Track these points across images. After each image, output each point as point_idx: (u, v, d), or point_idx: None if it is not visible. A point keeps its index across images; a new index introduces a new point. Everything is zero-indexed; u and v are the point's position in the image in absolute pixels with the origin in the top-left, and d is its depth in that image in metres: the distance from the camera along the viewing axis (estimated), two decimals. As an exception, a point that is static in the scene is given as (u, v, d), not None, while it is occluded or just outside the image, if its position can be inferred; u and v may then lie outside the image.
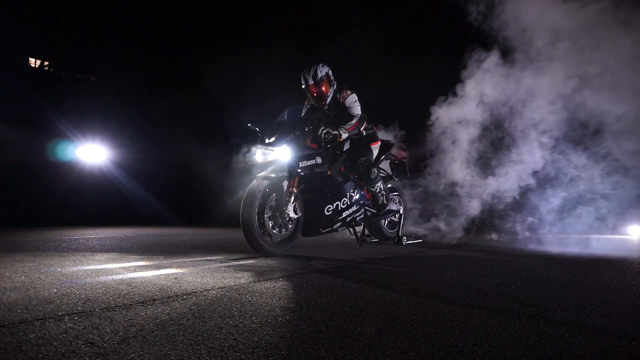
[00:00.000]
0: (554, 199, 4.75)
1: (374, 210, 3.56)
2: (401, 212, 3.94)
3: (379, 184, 3.50)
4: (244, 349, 1.03)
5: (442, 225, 5.27)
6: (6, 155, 7.12)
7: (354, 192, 3.36)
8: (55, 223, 6.86)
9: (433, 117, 5.32)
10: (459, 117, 5.15)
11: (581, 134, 4.45)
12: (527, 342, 1.14)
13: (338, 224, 3.27)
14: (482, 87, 4.95)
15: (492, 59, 4.87)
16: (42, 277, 1.90)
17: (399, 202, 4.07)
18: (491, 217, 5.29)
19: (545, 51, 4.54)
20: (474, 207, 5.08)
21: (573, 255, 3.57)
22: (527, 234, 5.23)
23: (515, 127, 4.87)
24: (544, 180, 4.81)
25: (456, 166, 5.21)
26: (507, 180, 4.87)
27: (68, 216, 7.32)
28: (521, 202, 5.02)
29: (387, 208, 3.62)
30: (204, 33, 10.41)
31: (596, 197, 4.55)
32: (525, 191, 4.89)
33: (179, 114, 9.40)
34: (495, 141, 5.08)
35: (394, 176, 4.13)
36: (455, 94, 5.17)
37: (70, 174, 8.09)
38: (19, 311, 1.29)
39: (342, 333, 1.17)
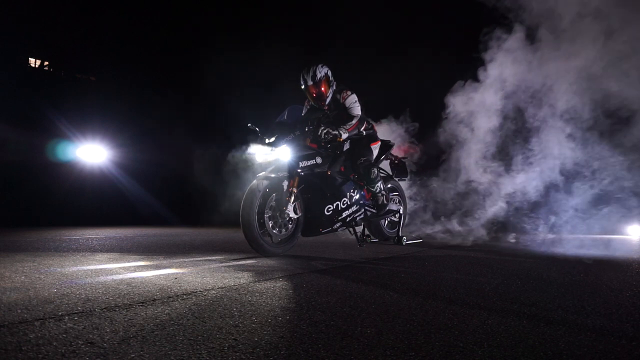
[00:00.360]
0: (579, 197, 4.45)
1: (374, 210, 3.55)
2: (401, 212, 3.93)
3: (379, 184, 3.50)
4: (244, 349, 1.03)
5: (459, 226, 5.06)
6: (6, 155, 7.12)
7: (354, 192, 3.36)
8: (55, 223, 6.86)
9: (449, 106, 4.99)
10: (477, 106, 4.84)
11: (608, 124, 4.11)
12: (527, 342, 1.14)
13: (338, 224, 3.27)
14: (500, 71, 4.64)
15: (511, 40, 4.55)
16: (42, 277, 1.90)
17: (399, 202, 4.07)
18: (512, 217, 4.99)
19: (569, 31, 4.19)
20: (493, 206, 4.84)
21: (575, 255, 3.56)
22: (550, 235, 4.95)
23: (537, 117, 4.54)
24: (568, 177, 4.50)
25: (474, 161, 4.92)
26: (529, 177, 4.58)
27: (68, 216, 7.32)
28: (543, 200, 4.74)
29: (387, 208, 3.61)
30: (204, 33, 10.42)
31: (625, 195, 4.29)
32: (548, 189, 4.60)
33: (179, 114, 9.40)
34: (516, 134, 4.78)
35: (394, 176, 4.12)
36: (474, 80, 4.86)
37: (70, 174, 8.09)
38: (19, 311, 1.29)
39: (342, 333, 1.17)
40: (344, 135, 3.24)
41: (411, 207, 5.44)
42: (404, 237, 3.82)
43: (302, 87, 3.33)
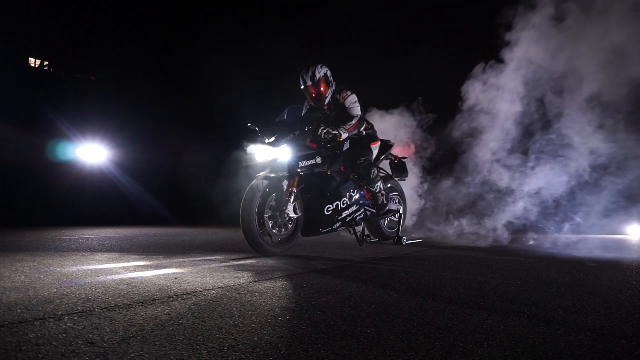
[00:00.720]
0: (604, 195, 4.16)
1: (374, 210, 3.56)
2: (401, 212, 3.94)
3: (379, 184, 3.50)
4: (244, 349, 1.03)
5: (475, 227, 4.80)
6: (6, 155, 7.12)
7: (354, 192, 3.36)
8: (55, 223, 6.86)
9: (467, 94, 4.65)
10: (497, 94, 4.50)
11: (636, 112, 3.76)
12: (527, 342, 1.14)
13: (338, 224, 3.27)
14: (523, 51, 4.29)
15: (535, 17, 4.20)
16: (42, 277, 1.90)
17: (399, 202, 4.07)
18: (533, 217, 4.62)
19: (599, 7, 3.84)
20: (513, 206, 4.53)
21: (577, 256, 3.56)
22: (573, 237, 4.65)
23: (562, 105, 4.18)
24: (595, 172, 4.16)
25: (494, 156, 4.60)
26: (552, 174, 4.27)
27: (68, 216, 7.32)
28: (569, 199, 4.43)
29: (387, 208, 3.62)
30: (204, 33, 10.42)
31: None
32: (574, 186, 4.25)
33: (179, 114, 9.40)
34: (540, 124, 4.40)
35: (394, 176, 4.12)
36: (496, 63, 4.52)
37: (70, 174, 8.09)
38: (19, 311, 1.29)
39: (342, 333, 1.17)
40: (344, 135, 3.25)
41: (424, 208, 5.24)
42: (404, 237, 3.82)
43: (302, 87, 3.34)
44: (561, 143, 4.28)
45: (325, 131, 3.14)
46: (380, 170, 3.81)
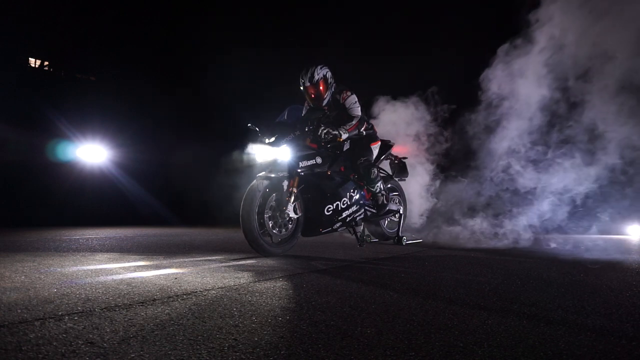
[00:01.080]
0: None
1: (374, 210, 3.56)
2: (401, 212, 3.94)
3: (379, 184, 3.50)
4: (244, 349, 1.03)
5: (492, 228, 4.56)
6: (6, 155, 7.12)
7: (354, 192, 3.36)
8: (55, 223, 6.86)
9: (488, 82, 4.33)
10: (523, 80, 4.15)
11: None
12: (527, 342, 1.14)
13: (338, 224, 3.27)
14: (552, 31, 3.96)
15: None
16: (42, 277, 1.90)
17: (399, 202, 4.07)
18: (558, 216, 4.32)
19: None
20: (534, 206, 4.28)
21: (578, 256, 3.56)
22: (598, 239, 4.42)
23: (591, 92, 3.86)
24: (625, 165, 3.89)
25: (514, 150, 4.32)
26: (577, 172, 4.01)
27: (68, 216, 7.31)
28: (595, 198, 4.17)
29: (387, 208, 3.62)
30: (204, 33, 10.41)
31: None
32: (603, 182, 3.99)
33: (180, 114, 9.40)
34: (567, 113, 4.06)
35: (394, 176, 4.12)
36: (521, 44, 4.18)
37: (70, 174, 8.08)
38: (19, 311, 1.29)
39: (342, 333, 1.17)
40: (344, 136, 3.25)
41: (435, 207, 5.10)
42: (404, 237, 3.82)
43: (301, 87, 3.35)
44: (585, 136, 4.00)
45: (325, 131, 3.14)
46: (380, 170, 3.81)
